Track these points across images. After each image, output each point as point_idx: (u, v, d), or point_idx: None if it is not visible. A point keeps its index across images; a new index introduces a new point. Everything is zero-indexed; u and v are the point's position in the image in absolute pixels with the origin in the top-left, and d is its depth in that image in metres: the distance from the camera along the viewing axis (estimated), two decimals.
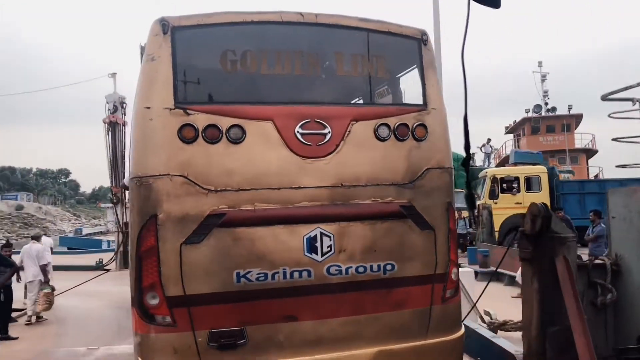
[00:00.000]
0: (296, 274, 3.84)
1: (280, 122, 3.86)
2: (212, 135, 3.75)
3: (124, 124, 18.68)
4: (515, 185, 18.64)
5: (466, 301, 8.61)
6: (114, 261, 17.65)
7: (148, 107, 3.74)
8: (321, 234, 3.91)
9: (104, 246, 27.79)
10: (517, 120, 37.62)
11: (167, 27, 3.80)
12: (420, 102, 4.35)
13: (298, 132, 3.89)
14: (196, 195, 3.69)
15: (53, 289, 9.91)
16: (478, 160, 32.99)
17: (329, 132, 3.95)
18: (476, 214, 19.28)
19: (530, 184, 18.63)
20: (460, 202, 22.55)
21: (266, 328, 3.78)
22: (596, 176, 32.49)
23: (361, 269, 3.99)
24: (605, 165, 35.79)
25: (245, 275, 3.75)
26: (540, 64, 37.24)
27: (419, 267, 4.16)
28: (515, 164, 20.92)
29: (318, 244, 3.89)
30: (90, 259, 17.96)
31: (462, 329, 4.43)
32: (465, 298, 8.45)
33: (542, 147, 32.55)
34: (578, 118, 36.31)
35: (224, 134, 3.77)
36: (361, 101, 4.89)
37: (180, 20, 3.87)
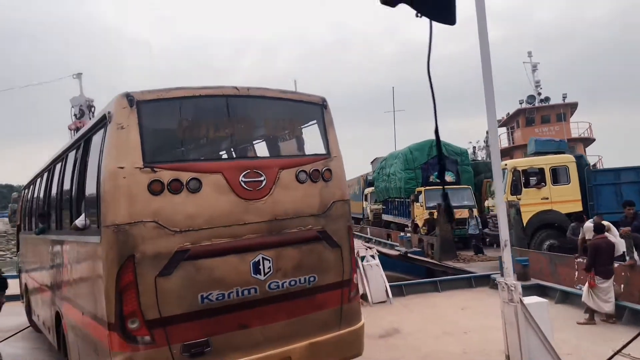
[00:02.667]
0: (246, 292, 4.84)
1: (228, 174, 4.86)
2: (176, 187, 4.59)
3: None
4: (538, 178, 16.28)
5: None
6: None
7: (122, 167, 4.46)
8: (263, 258, 4.94)
9: None
10: (510, 113, 36.02)
11: (133, 101, 4.56)
12: (325, 152, 5.67)
13: (242, 180, 4.91)
14: (165, 237, 4.51)
15: None
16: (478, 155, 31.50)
17: (264, 179, 5.03)
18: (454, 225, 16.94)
19: (557, 175, 16.30)
20: (467, 199, 20.27)
21: (226, 336, 4.72)
22: (594, 165, 30.83)
23: (293, 282, 5.12)
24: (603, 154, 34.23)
25: (208, 297, 4.65)
26: (530, 54, 35.81)
27: (333, 276, 5.43)
28: (535, 153, 18.25)
29: (261, 267, 4.92)
30: None
31: (362, 320, 5.69)
32: (547, 351, 5.35)
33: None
34: (573, 107, 35.44)
35: (184, 186, 4.63)
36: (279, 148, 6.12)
37: (144, 95, 4.69)
